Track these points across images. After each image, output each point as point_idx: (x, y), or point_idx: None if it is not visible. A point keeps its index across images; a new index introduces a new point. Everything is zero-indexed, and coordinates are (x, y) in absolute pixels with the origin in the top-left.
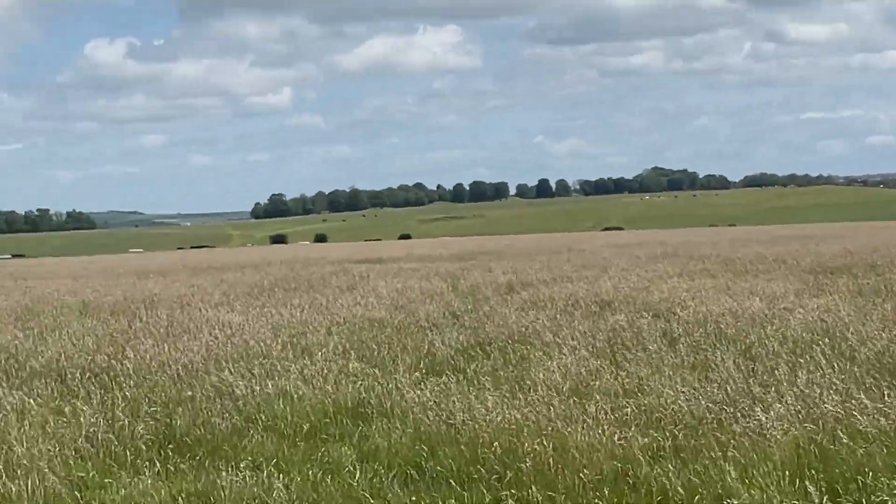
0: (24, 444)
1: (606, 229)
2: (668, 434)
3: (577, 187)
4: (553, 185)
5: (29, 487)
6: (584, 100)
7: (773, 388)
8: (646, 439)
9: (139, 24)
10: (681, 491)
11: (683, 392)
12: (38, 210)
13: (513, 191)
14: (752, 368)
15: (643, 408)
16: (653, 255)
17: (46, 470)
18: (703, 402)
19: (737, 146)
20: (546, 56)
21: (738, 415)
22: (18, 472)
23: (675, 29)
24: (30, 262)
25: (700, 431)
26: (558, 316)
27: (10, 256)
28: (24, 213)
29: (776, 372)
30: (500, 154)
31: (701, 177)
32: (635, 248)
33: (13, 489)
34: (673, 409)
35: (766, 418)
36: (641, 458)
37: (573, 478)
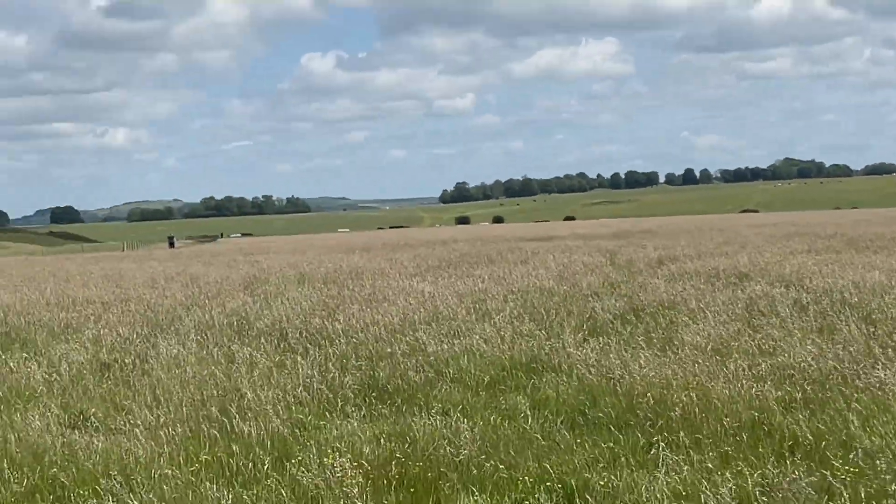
0: (254, 391)
1: (744, 212)
2: (798, 388)
3: (718, 175)
4: (697, 174)
5: (257, 428)
6: (724, 100)
7: (891, 349)
8: (779, 392)
9: (346, 40)
10: (810, 437)
11: (812, 352)
12: (263, 196)
13: (662, 179)
14: (873, 332)
15: (776, 365)
16: (785, 234)
17: (271, 413)
18: (829, 361)
19: (859, 139)
20: (691, 62)
21: (860, 372)
22: (248, 414)
23: (803, 38)
24: (256, 240)
25: (826, 386)
26: (702, 286)
27: (240, 235)
28: (251, 199)
29: (894, 335)
30: (651, 147)
31: (827, 166)
32: (769, 227)
33: (245, 429)
34: (803, 366)
35: (885, 375)
36: (775, 409)
37: (716, 425)
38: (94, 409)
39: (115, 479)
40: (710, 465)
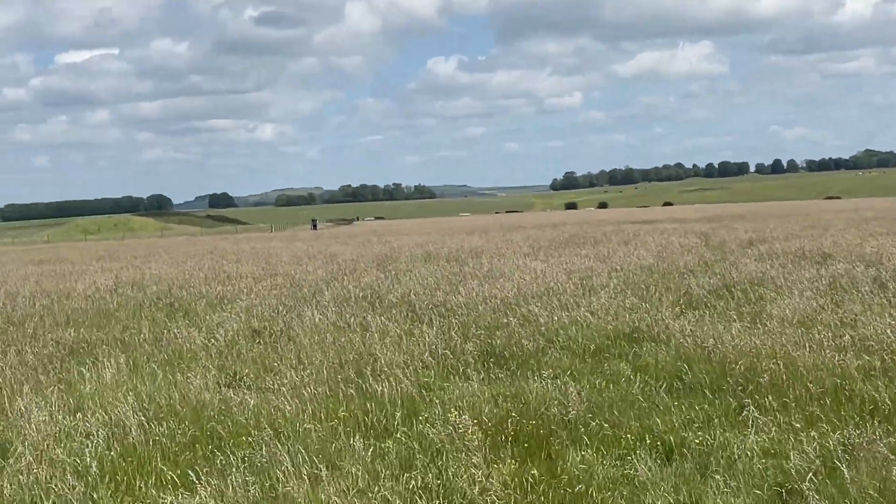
0: (385, 356)
1: (827, 198)
2: (877, 357)
3: (804, 165)
4: (785, 164)
5: (388, 388)
6: (810, 96)
7: None
8: (859, 361)
9: (467, 45)
10: (888, 402)
11: (890, 324)
12: (393, 184)
13: (752, 168)
14: None
15: (857, 337)
16: (865, 218)
17: (401, 375)
18: None
19: None
20: (779, 63)
21: None
22: (381, 375)
23: (883, 40)
24: (388, 223)
25: None
26: (788, 265)
27: (373, 219)
28: (383, 187)
29: None
30: (742, 140)
31: None
32: (851, 212)
33: (378, 389)
34: (881, 337)
35: None
36: (856, 376)
37: (801, 390)
38: (246, 370)
39: (265, 431)
40: (796, 426)
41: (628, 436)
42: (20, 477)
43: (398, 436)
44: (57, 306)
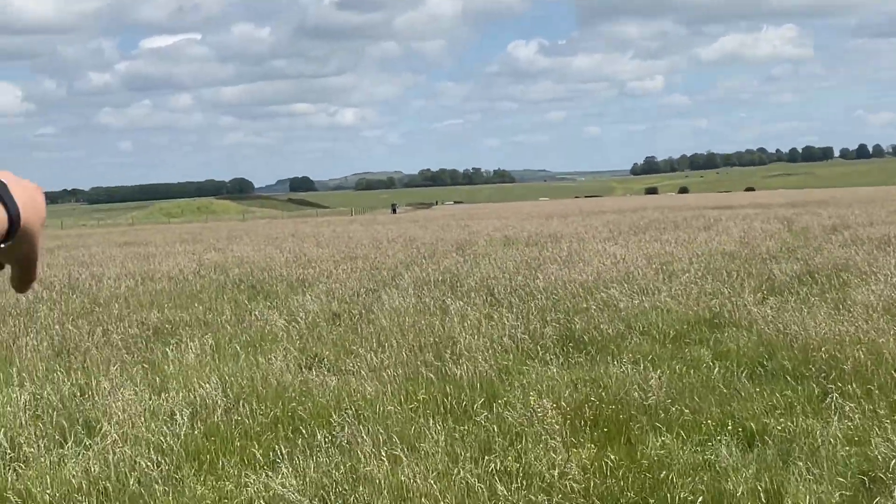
0: (465, 339)
1: None
2: None
3: (890, 150)
4: (870, 149)
5: (468, 371)
6: None
7: None
8: None
9: (547, 29)
10: None
11: None
12: (472, 168)
13: (837, 153)
14: None
15: None
16: None
17: (480, 359)
18: None
19: None
20: (865, 46)
21: None
22: (461, 359)
23: None
24: (467, 207)
25: None
26: (874, 251)
27: (453, 203)
28: (462, 171)
29: None
30: (826, 124)
31: None
32: None
33: (457, 372)
34: None
35: None
36: None
37: (885, 376)
38: (326, 352)
39: (345, 412)
40: (880, 413)
41: (709, 422)
42: (106, 455)
43: (477, 419)
44: (141, 288)
